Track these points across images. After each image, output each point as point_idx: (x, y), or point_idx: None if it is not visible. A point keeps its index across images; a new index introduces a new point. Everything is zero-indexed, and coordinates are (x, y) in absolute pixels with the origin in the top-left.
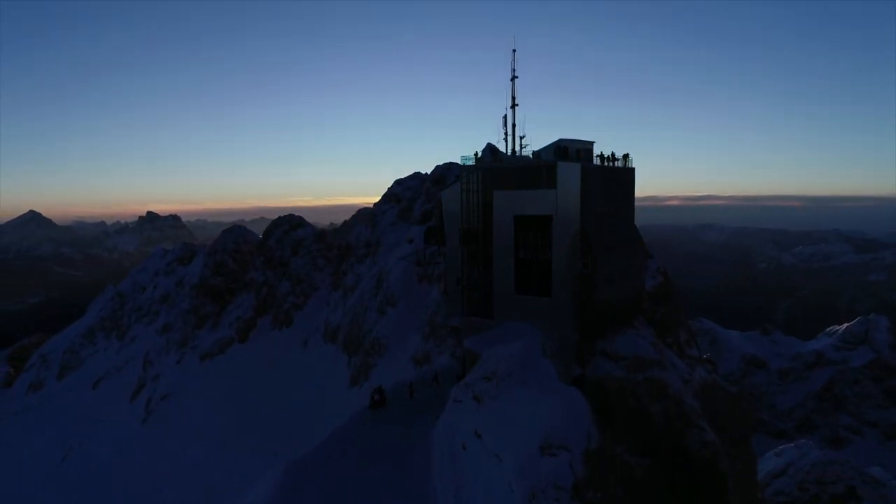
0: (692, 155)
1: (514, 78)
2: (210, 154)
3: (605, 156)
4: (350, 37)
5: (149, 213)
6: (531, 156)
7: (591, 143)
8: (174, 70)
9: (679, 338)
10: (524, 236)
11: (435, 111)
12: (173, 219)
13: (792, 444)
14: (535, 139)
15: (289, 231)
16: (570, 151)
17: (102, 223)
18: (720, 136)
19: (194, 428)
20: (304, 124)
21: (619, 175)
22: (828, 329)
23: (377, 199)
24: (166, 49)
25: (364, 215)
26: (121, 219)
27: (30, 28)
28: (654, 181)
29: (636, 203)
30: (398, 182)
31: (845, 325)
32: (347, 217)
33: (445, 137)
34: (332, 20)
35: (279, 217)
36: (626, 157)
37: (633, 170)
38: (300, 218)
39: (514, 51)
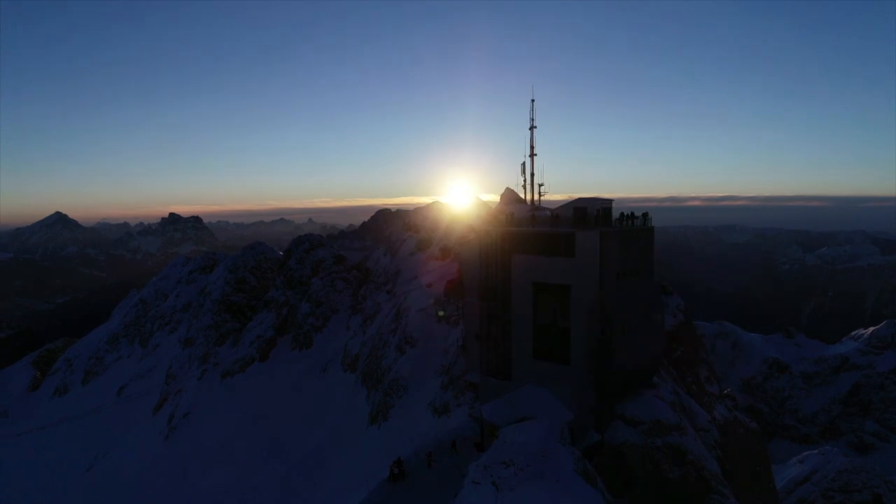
0: (713, 155)
1: (532, 127)
2: (231, 156)
3: (626, 214)
4: (374, 38)
5: (171, 214)
6: (549, 213)
7: (611, 201)
8: (197, 75)
9: (699, 375)
10: (543, 302)
11: (456, 127)
12: (195, 220)
13: (816, 451)
14: (549, 159)
15: (309, 250)
16: (590, 211)
17: (126, 224)
18: (742, 136)
19: (215, 450)
20: (325, 127)
21: (638, 236)
22: (853, 333)
23: (396, 199)
24: (190, 54)
25: (383, 216)
26: (144, 220)
27: (57, 33)
28: (674, 181)
29: (656, 204)
30: (418, 211)
31: (871, 328)
32: (366, 218)
33: (466, 152)
34: (361, 21)
35: (300, 236)
36: (645, 215)
37: (652, 229)
38: (319, 237)
39: (533, 101)
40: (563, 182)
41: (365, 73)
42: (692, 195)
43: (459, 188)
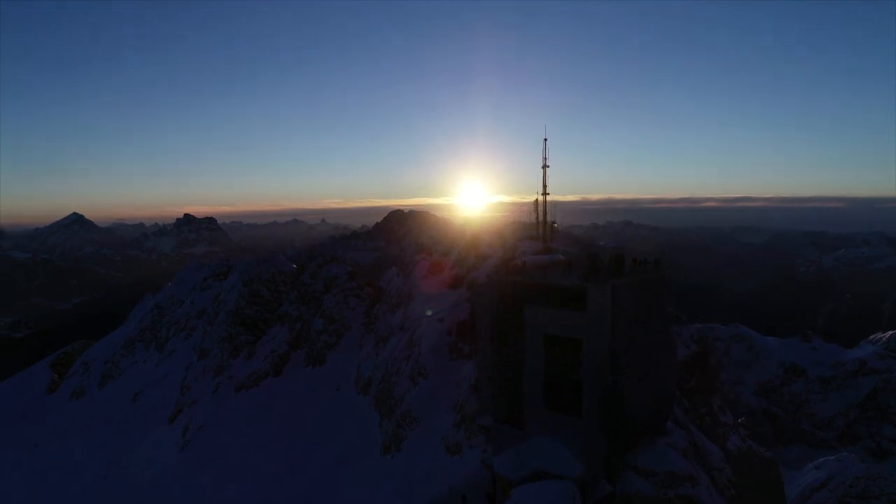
0: (729, 155)
1: (545, 166)
2: (245, 157)
3: (639, 261)
4: (387, 39)
5: (186, 215)
6: (561, 256)
7: (623, 248)
8: (213, 78)
9: (713, 405)
10: (555, 354)
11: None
12: (209, 221)
13: (833, 457)
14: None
15: (322, 265)
16: (603, 258)
17: (141, 225)
18: (758, 136)
19: (231, 465)
20: (338, 127)
21: (651, 284)
22: (871, 336)
23: (409, 200)
24: (205, 56)
25: (396, 217)
26: (159, 220)
27: (75, 36)
28: (689, 182)
29: (670, 205)
30: (430, 237)
31: (890, 332)
32: (379, 219)
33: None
34: (374, 23)
35: (313, 249)
36: (657, 261)
37: (664, 275)
38: (333, 253)
39: (546, 140)
40: (577, 183)
41: (378, 74)
42: (707, 196)
43: (472, 189)
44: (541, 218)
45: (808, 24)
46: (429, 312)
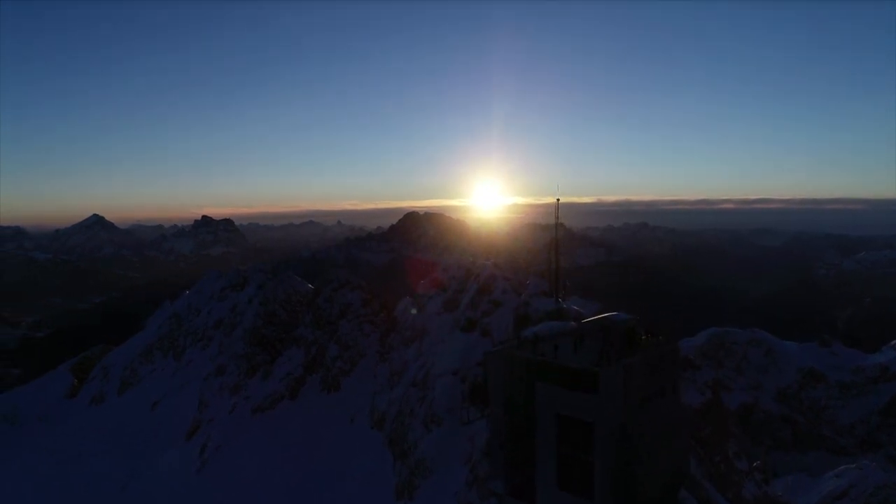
0: (747, 154)
1: (558, 224)
2: (262, 158)
3: (650, 334)
4: (402, 40)
5: (203, 217)
6: (573, 324)
7: (636, 319)
8: (228, 80)
9: (728, 452)
10: (566, 433)
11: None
12: (226, 223)
13: (854, 465)
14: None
15: (337, 289)
16: (615, 331)
17: (160, 226)
18: (777, 136)
19: (249, 489)
20: (353, 126)
21: (664, 358)
22: (892, 342)
23: (424, 202)
24: (218, 55)
25: (411, 219)
26: (178, 222)
27: (92, 39)
28: (706, 183)
29: (688, 206)
30: (444, 269)
31: None
32: (394, 221)
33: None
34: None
35: (329, 274)
36: (670, 333)
37: (678, 347)
38: (347, 277)
39: (559, 200)
40: (590, 184)
41: (392, 75)
42: (725, 198)
43: (487, 190)
44: (553, 282)
45: (827, 23)
46: (442, 364)
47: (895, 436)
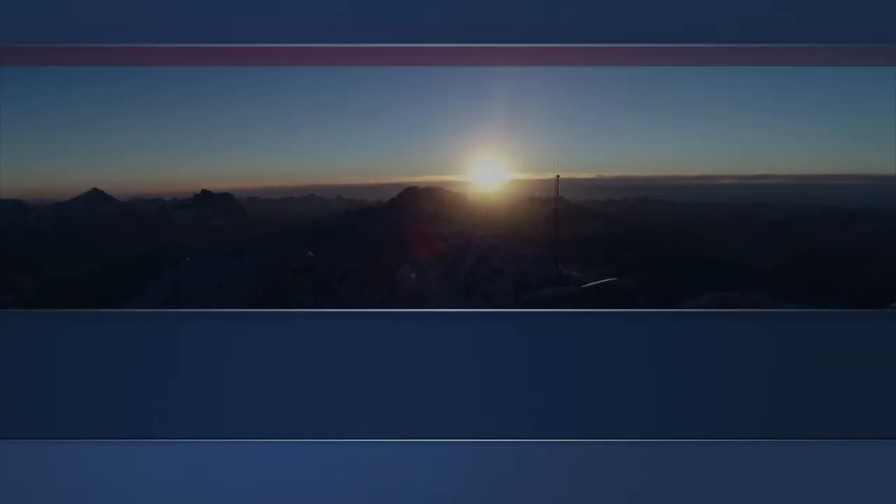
0: (747, 127)
1: (557, 196)
2: (261, 131)
3: (651, 297)
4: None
5: (203, 191)
6: (573, 287)
7: (636, 283)
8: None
9: None
10: None
11: None
12: (226, 196)
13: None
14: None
15: (337, 257)
16: (615, 295)
17: (160, 199)
18: (777, 104)
19: None
20: (349, 98)
21: None
22: (894, 304)
23: (423, 178)
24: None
25: (411, 194)
26: (177, 196)
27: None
28: (705, 158)
29: (688, 182)
30: (444, 239)
31: None
32: (394, 195)
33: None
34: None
35: (329, 242)
36: None
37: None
38: (348, 245)
39: (558, 176)
40: (589, 161)
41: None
42: (725, 173)
43: (486, 165)
44: (553, 234)
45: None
46: None
47: None
